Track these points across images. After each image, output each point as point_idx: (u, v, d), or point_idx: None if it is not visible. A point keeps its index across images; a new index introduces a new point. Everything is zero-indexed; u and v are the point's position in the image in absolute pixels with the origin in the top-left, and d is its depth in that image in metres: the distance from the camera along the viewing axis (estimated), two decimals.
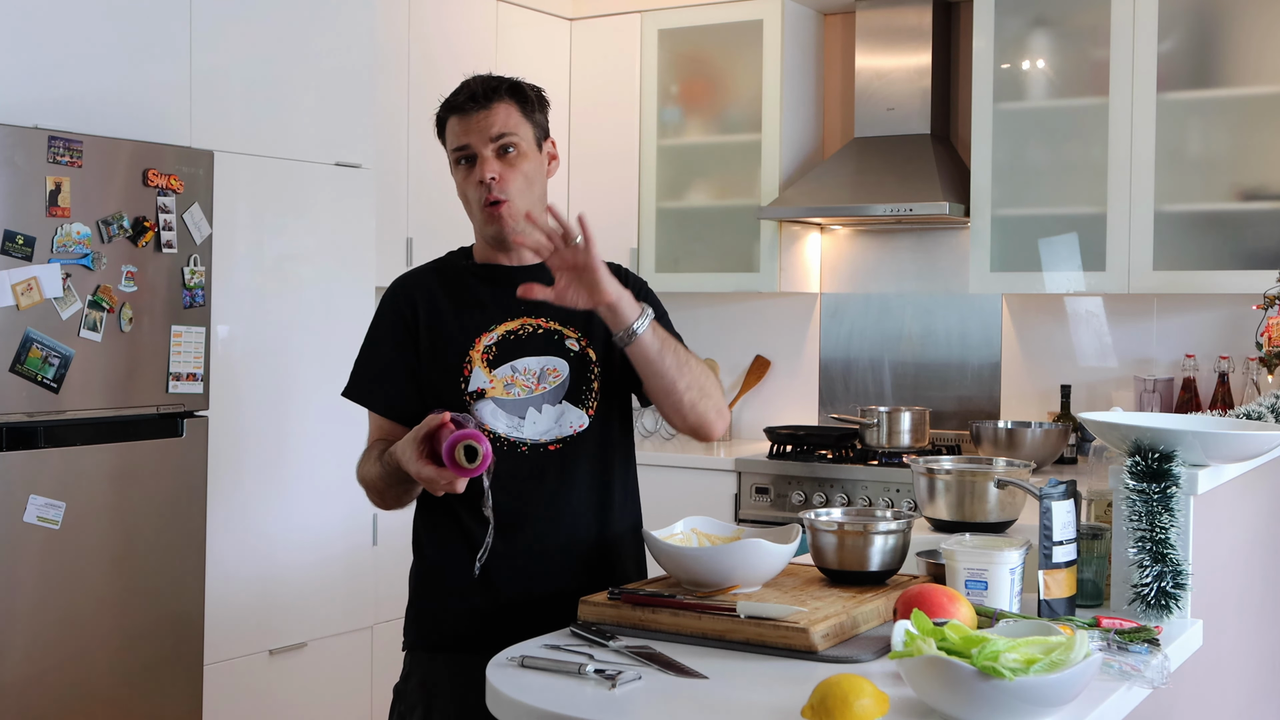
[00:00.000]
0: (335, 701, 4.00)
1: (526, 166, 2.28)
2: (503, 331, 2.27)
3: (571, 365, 2.28)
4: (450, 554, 2.28)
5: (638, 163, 5.05)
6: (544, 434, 2.26)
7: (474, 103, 2.26)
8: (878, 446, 4.50)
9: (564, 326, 2.30)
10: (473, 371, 2.25)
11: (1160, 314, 4.50)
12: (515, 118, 2.27)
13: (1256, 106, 4.14)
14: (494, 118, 2.25)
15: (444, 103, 2.32)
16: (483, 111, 2.26)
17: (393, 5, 4.38)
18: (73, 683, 3.22)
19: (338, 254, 3.98)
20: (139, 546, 3.37)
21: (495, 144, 2.25)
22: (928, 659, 1.58)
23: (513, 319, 2.28)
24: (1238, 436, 2.21)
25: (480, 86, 2.28)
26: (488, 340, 2.27)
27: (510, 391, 2.25)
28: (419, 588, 2.35)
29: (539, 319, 2.29)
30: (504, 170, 2.25)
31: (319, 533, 3.92)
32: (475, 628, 2.23)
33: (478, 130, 2.25)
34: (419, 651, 2.32)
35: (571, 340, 2.29)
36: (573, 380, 2.28)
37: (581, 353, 2.29)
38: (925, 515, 2.50)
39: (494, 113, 2.25)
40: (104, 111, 3.35)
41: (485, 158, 2.25)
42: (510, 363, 2.26)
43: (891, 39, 4.69)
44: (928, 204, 4.36)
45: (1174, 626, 2.09)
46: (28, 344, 3.11)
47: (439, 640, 2.29)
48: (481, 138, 2.25)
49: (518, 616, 2.20)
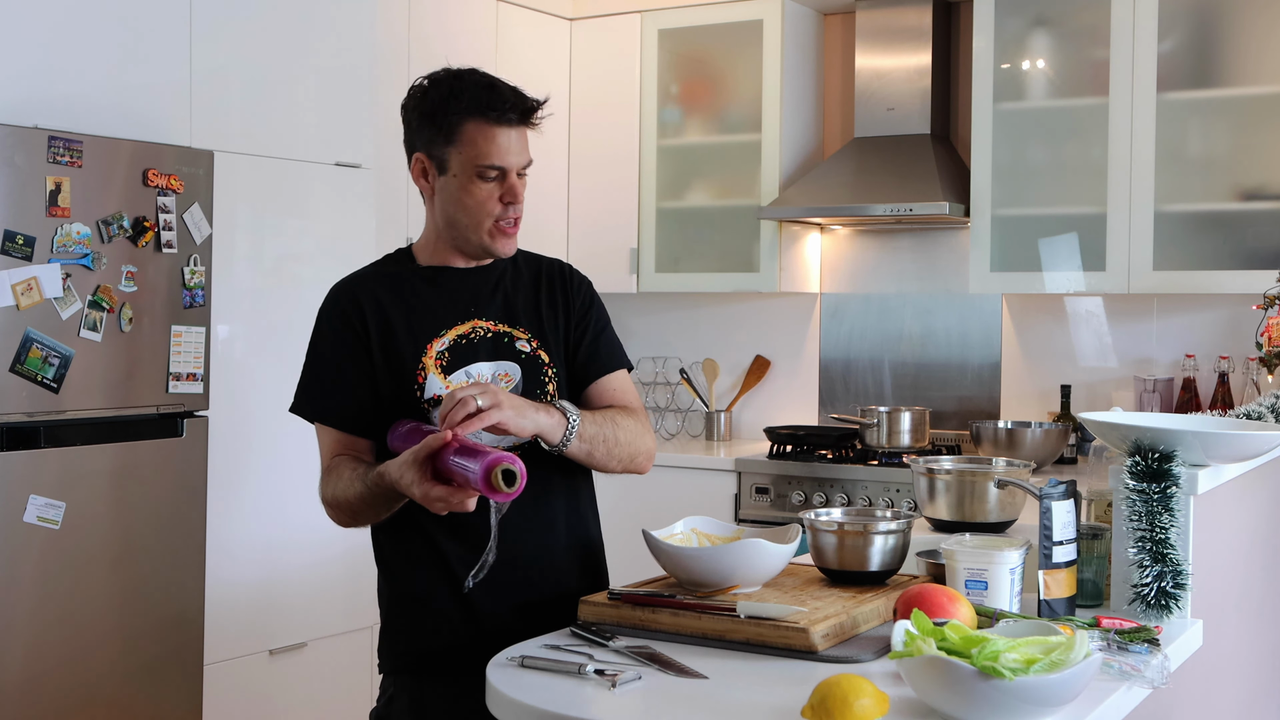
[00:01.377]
0: (335, 701, 4.00)
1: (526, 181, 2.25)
2: (454, 336, 2.22)
3: (524, 368, 2.22)
4: (426, 575, 2.21)
5: (638, 163, 5.05)
6: (500, 440, 2.15)
7: (522, 119, 2.19)
8: (878, 446, 4.50)
9: (513, 328, 2.25)
10: (427, 378, 2.19)
11: (1160, 314, 4.50)
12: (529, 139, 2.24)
13: (1256, 106, 4.14)
14: (526, 138, 2.21)
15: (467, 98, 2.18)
16: (524, 129, 2.20)
17: (393, 5, 4.38)
18: (73, 683, 3.22)
19: (338, 254, 3.98)
20: (139, 546, 3.37)
21: (524, 165, 2.21)
22: (928, 659, 1.58)
23: (463, 322, 2.23)
24: (1238, 436, 2.21)
25: (521, 99, 2.19)
26: (439, 346, 2.21)
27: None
28: (395, 609, 2.27)
29: (489, 321, 2.24)
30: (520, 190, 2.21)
31: (319, 533, 3.91)
32: (459, 647, 2.17)
33: (515, 152, 2.18)
34: (404, 676, 2.24)
35: (522, 341, 2.25)
36: (525, 383, 2.22)
37: (533, 354, 2.24)
38: (925, 515, 2.50)
39: (525, 133, 2.21)
40: (104, 111, 3.35)
41: (515, 184, 2.19)
42: (464, 368, 2.20)
43: (891, 39, 4.70)
44: (928, 204, 4.36)
45: (1174, 626, 2.09)
46: (28, 344, 3.11)
47: (422, 664, 2.21)
48: (518, 161, 2.19)
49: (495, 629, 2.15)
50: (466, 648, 2.16)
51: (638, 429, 2.25)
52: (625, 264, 5.02)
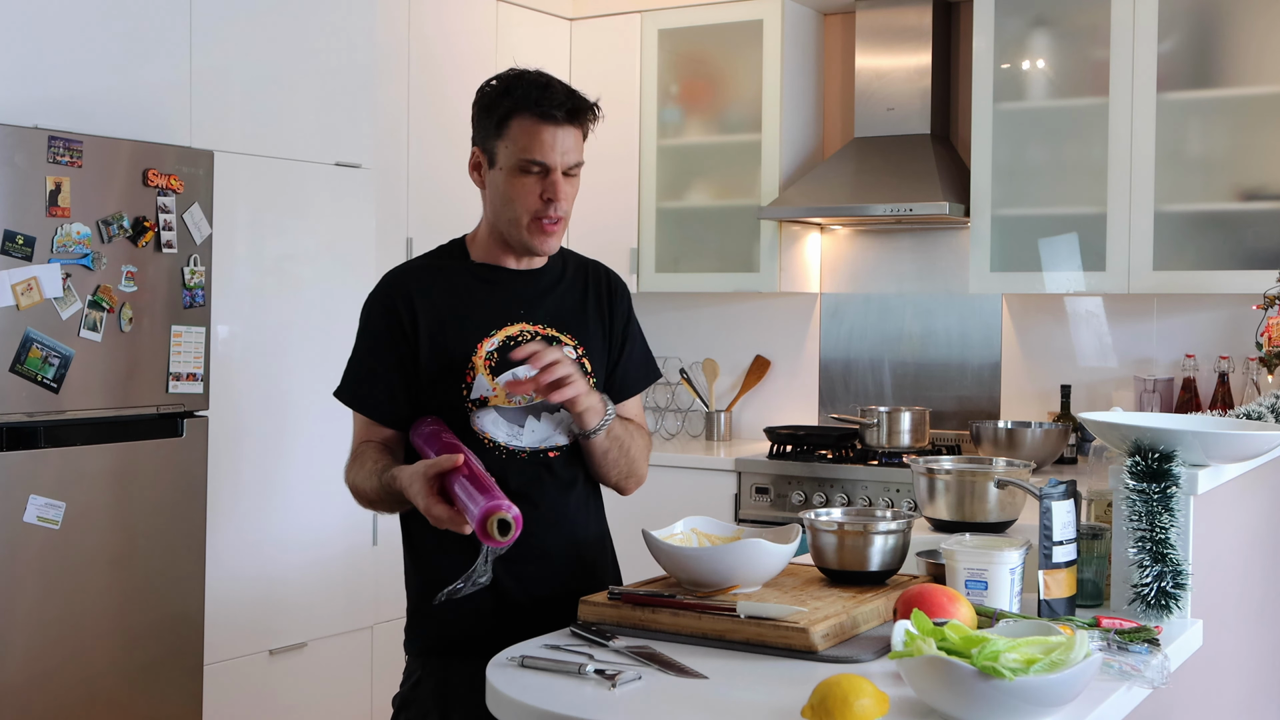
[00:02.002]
0: (335, 701, 4.00)
1: (575, 187, 2.30)
2: (503, 337, 2.25)
3: None
4: (454, 560, 2.22)
5: (638, 163, 5.05)
6: (543, 441, 2.26)
7: (569, 117, 2.23)
8: (878, 446, 4.50)
9: (561, 333, 2.30)
10: (475, 378, 2.23)
11: (1160, 314, 4.50)
12: (582, 141, 2.28)
13: (1256, 106, 4.14)
14: (575, 139, 2.25)
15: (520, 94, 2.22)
16: (570, 129, 2.23)
17: (393, 5, 4.38)
18: (73, 683, 3.22)
19: (338, 254, 3.98)
20: (139, 546, 3.37)
21: (569, 167, 2.25)
22: (928, 659, 1.58)
23: (512, 324, 2.27)
24: (1238, 436, 2.21)
25: (572, 99, 2.24)
26: (489, 346, 2.24)
27: (512, 400, 2.24)
28: (423, 592, 2.29)
29: (538, 325, 2.29)
30: (566, 189, 2.25)
31: (319, 533, 3.92)
32: (486, 630, 2.21)
33: (560, 149, 2.22)
34: (430, 657, 2.28)
35: (569, 348, 2.29)
36: None
37: (577, 361, 2.29)
38: (925, 515, 2.50)
39: (577, 133, 2.25)
40: (104, 111, 3.35)
41: (560, 180, 2.23)
42: (512, 370, 2.23)
43: (891, 39, 4.70)
44: (928, 204, 4.36)
45: (1174, 626, 2.09)
46: (28, 344, 3.11)
47: (449, 645, 2.25)
48: (563, 159, 2.23)
49: (526, 617, 2.20)
50: (495, 631, 2.19)
51: (644, 452, 2.35)
52: (625, 264, 5.02)
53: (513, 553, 2.17)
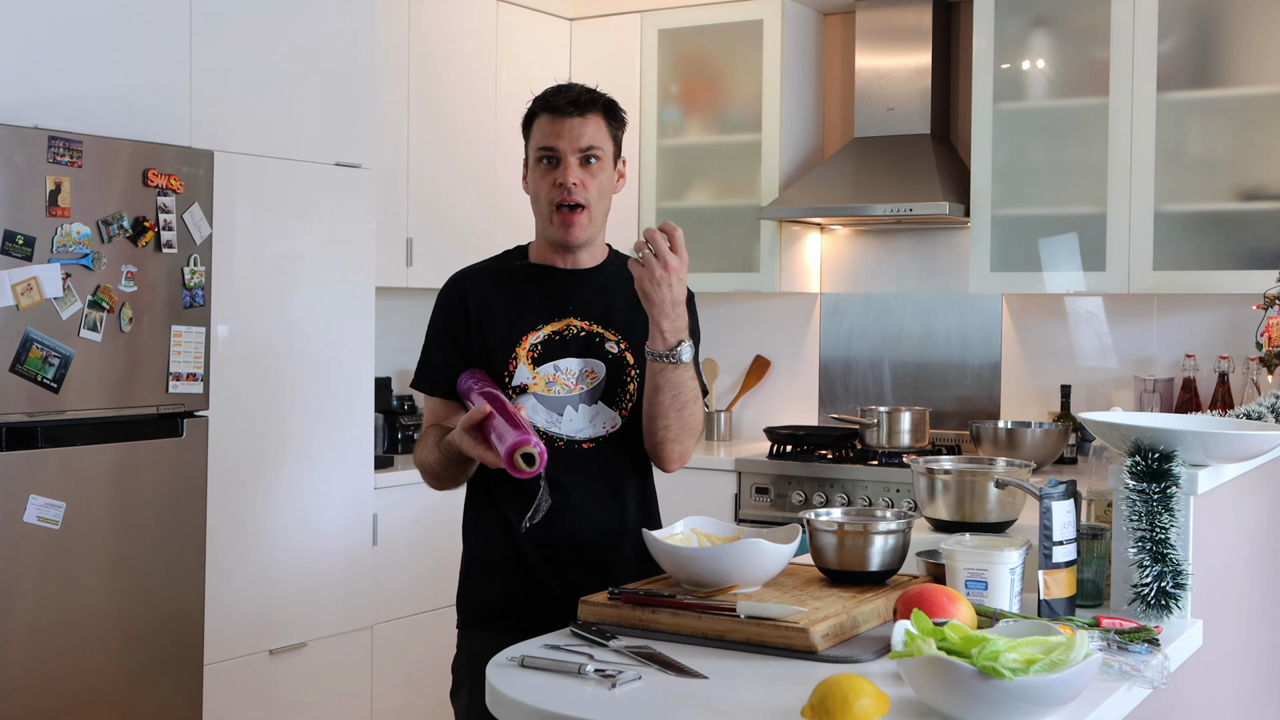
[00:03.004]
0: (335, 701, 4.00)
1: (603, 179, 2.41)
2: (549, 331, 2.40)
3: (609, 367, 2.40)
4: (491, 538, 2.42)
5: (638, 163, 5.05)
6: (579, 431, 2.38)
7: (574, 108, 2.37)
8: (878, 446, 4.50)
9: (605, 329, 2.43)
10: (517, 367, 2.38)
11: (1160, 314, 4.50)
12: (603, 132, 2.40)
13: (1256, 106, 4.14)
14: (586, 127, 2.37)
15: (539, 100, 2.42)
16: (578, 119, 2.37)
17: (393, 5, 4.38)
18: (73, 683, 3.22)
19: (338, 254, 3.98)
20: (139, 546, 3.36)
21: (582, 153, 2.37)
22: (928, 659, 1.58)
23: (559, 320, 2.41)
24: (1238, 436, 2.21)
25: (580, 95, 2.39)
26: (534, 339, 2.39)
27: (551, 389, 2.38)
28: (465, 569, 2.48)
29: (584, 321, 2.42)
30: (584, 178, 2.37)
31: (319, 533, 3.92)
32: (516, 606, 2.37)
33: (569, 136, 2.36)
34: (468, 630, 2.45)
35: (611, 343, 2.42)
36: (609, 382, 2.41)
37: (619, 356, 2.42)
38: (925, 515, 2.50)
39: (587, 123, 2.38)
40: (104, 111, 3.35)
41: (570, 164, 2.36)
42: (554, 361, 2.38)
43: (891, 39, 4.70)
44: (928, 204, 4.36)
45: (1174, 626, 2.09)
46: (28, 344, 3.11)
47: (482, 619, 2.42)
48: (571, 144, 2.36)
49: (556, 599, 2.32)
50: (526, 610, 2.35)
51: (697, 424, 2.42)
52: None
53: (546, 538, 2.35)
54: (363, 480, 4.06)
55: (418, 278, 4.47)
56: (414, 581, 4.22)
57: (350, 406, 4.01)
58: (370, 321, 4.07)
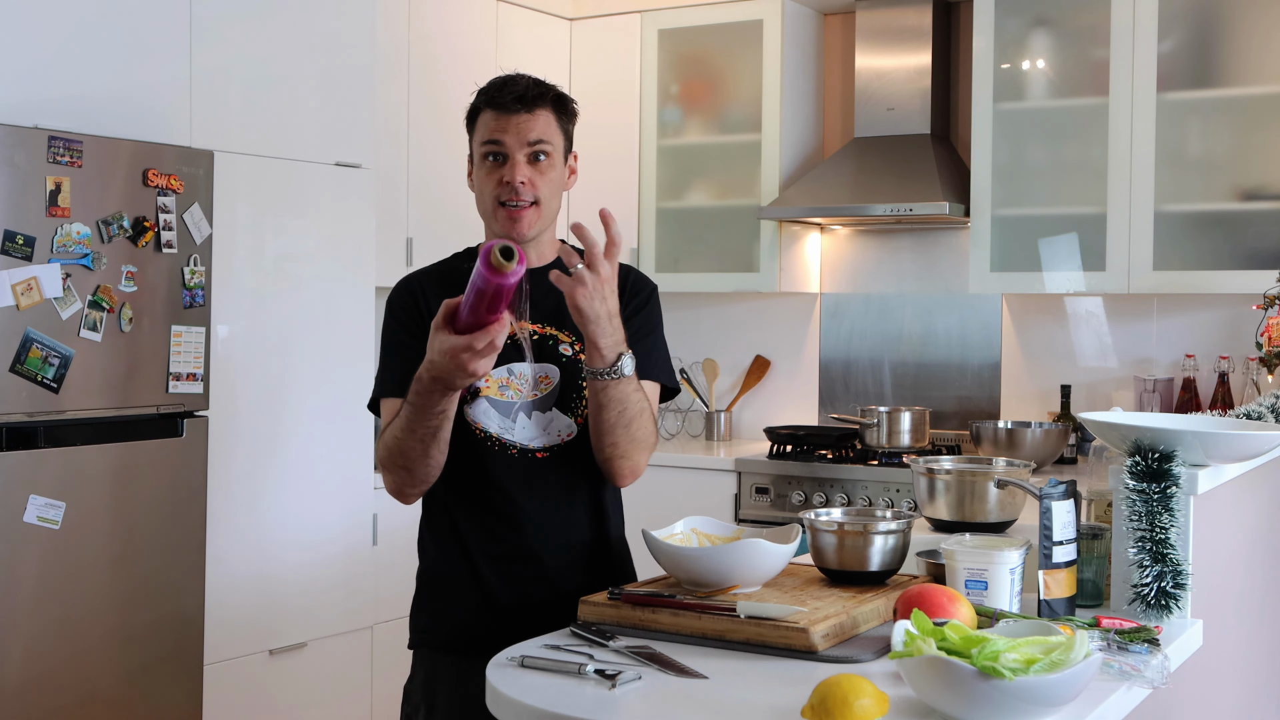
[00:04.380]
0: (335, 701, 4.00)
1: (553, 175, 2.29)
2: None
3: (563, 372, 2.27)
4: (447, 555, 2.31)
5: (638, 163, 5.05)
6: (532, 440, 2.26)
7: (520, 104, 2.25)
8: (878, 446, 4.50)
9: (559, 331, 2.30)
10: None
11: (1160, 314, 4.50)
12: (553, 127, 2.29)
13: (1256, 106, 4.14)
14: (534, 123, 2.26)
15: (483, 93, 2.30)
16: (525, 115, 2.25)
17: (393, 5, 4.38)
18: (73, 683, 3.22)
19: (338, 254, 3.98)
20: (139, 546, 3.37)
21: (530, 148, 2.26)
22: (928, 659, 1.58)
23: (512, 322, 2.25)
24: (1238, 436, 2.21)
25: (528, 89, 2.26)
26: None
27: (504, 393, 2.26)
28: (421, 587, 2.38)
29: (536, 324, 2.29)
30: (533, 175, 2.26)
31: (319, 533, 3.92)
32: (473, 628, 2.26)
33: (515, 132, 2.25)
34: (423, 650, 2.35)
35: (565, 345, 2.29)
36: (563, 387, 2.27)
37: (574, 359, 2.28)
38: (925, 515, 2.50)
39: (535, 118, 2.26)
40: (104, 111, 3.35)
41: (517, 161, 2.25)
42: (507, 365, 2.25)
43: (891, 39, 4.69)
44: (928, 204, 4.36)
45: (1174, 626, 2.09)
46: (28, 344, 3.11)
47: (439, 640, 2.32)
48: (518, 140, 2.25)
49: (514, 618, 2.22)
50: (481, 632, 2.23)
51: (646, 438, 2.23)
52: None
53: (499, 551, 2.24)
54: (362, 480, 4.06)
55: None
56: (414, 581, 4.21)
57: (350, 406, 4.01)
58: (370, 321, 4.07)
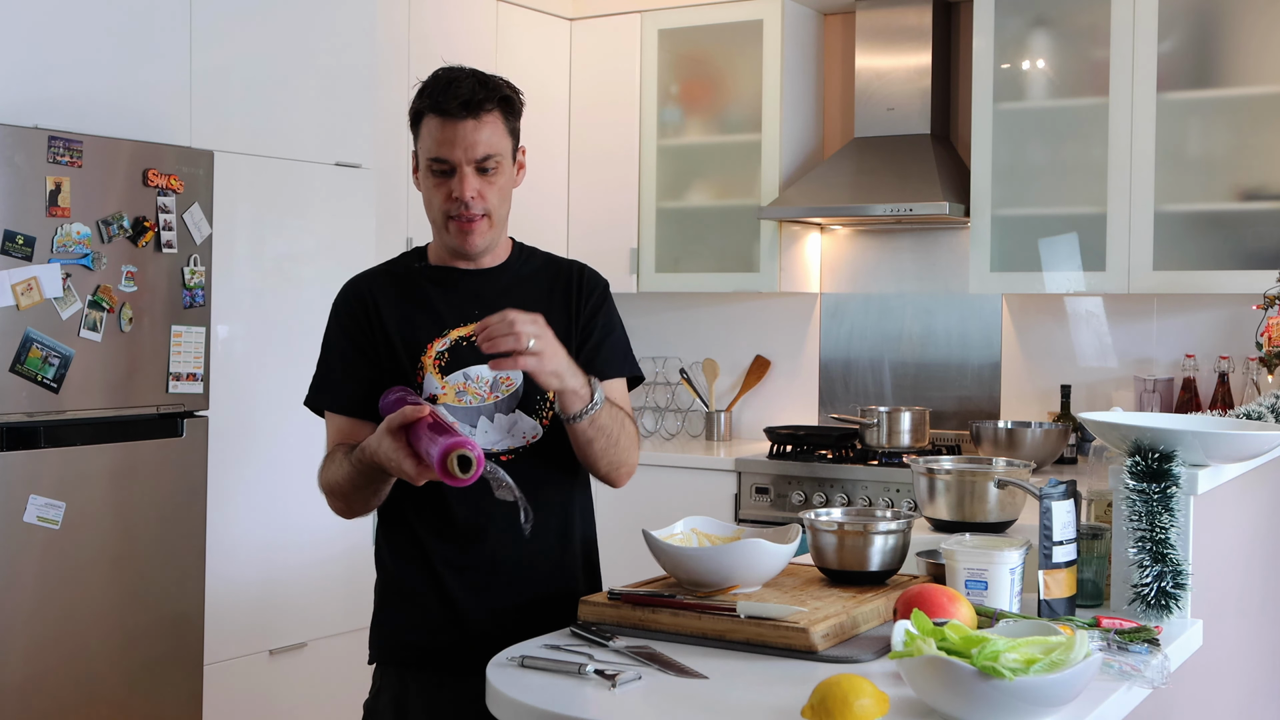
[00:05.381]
0: (335, 701, 3.99)
1: (501, 183, 2.20)
2: (455, 337, 2.21)
3: (526, 373, 2.15)
4: (407, 567, 2.25)
5: (638, 163, 5.05)
6: (495, 443, 2.19)
7: (465, 111, 2.14)
8: (878, 446, 4.50)
9: None
10: (425, 378, 2.19)
11: (1160, 314, 4.50)
12: (500, 133, 2.18)
13: (1256, 106, 4.14)
14: (480, 134, 2.15)
15: (425, 94, 2.17)
16: (471, 122, 2.14)
17: (393, 5, 4.38)
18: (73, 683, 3.22)
19: (338, 254, 3.98)
20: (139, 546, 3.37)
21: (478, 163, 2.16)
22: (928, 659, 1.58)
23: (465, 324, 2.21)
24: (1238, 436, 2.21)
25: (474, 93, 2.14)
26: (440, 346, 2.21)
27: (462, 399, 2.19)
28: (380, 600, 2.31)
29: None
30: (481, 187, 2.17)
31: (319, 533, 3.92)
32: (441, 643, 2.21)
33: (462, 144, 2.14)
34: (387, 667, 2.27)
35: None
36: (526, 389, 2.21)
37: None
38: (925, 515, 2.50)
39: (482, 126, 2.15)
40: (104, 111, 3.35)
41: (466, 175, 2.15)
42: (463, 369, 2.20)
43: (891, 39, 4.69)
44: (928, 204, 4.36)
45: (1174, 626, 2.09)
46: (28, 344, 3.11)
47: (403, 655, 2.25)
48: (466, 155, 2.15)
49: (482, 629, 2.17)
50: (448, 645, 2.19)
51: (633, 441, 2.25)
52: (625, 264, 5.02)
53: (462, 561, 2.19)
54: None
55: None
56: None
57: None
58: None
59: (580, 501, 2.34)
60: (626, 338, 2.35)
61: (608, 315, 2.32)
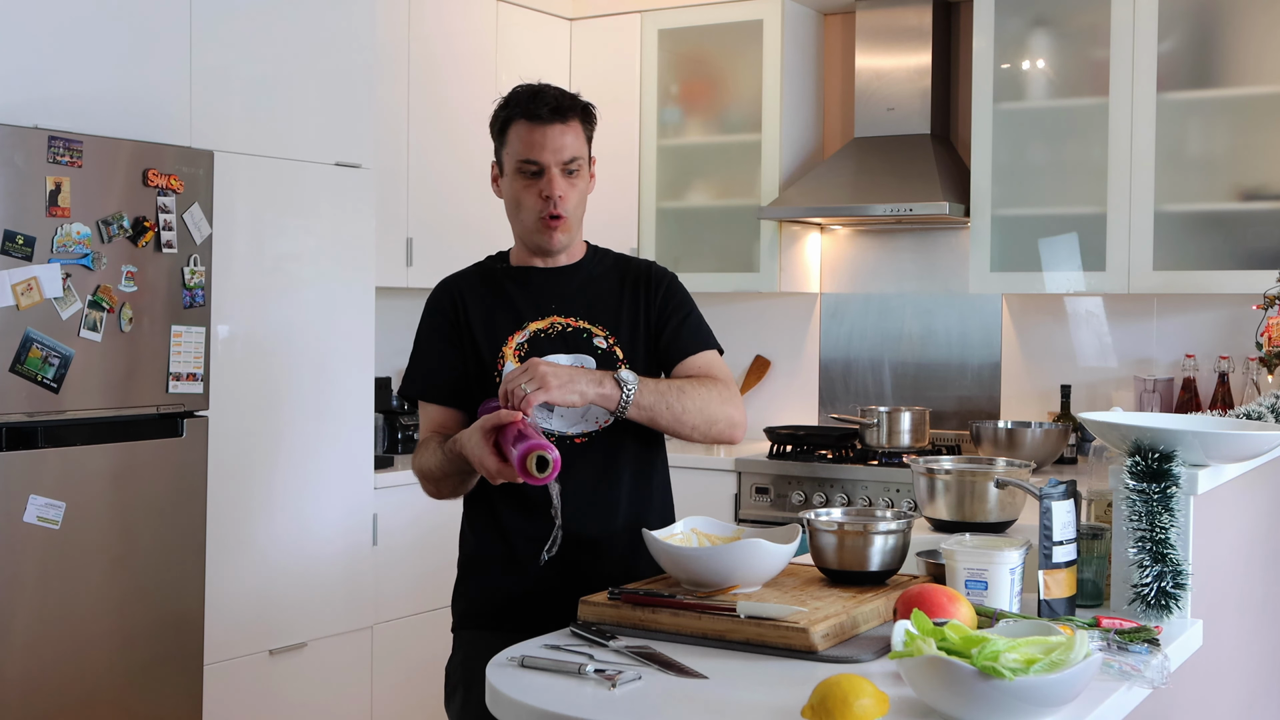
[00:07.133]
0: (335, 701, 4.00)
1: (582, 185, 2.42)
2: (533, 330, 2.40)
3: (598, 362, 2.38)
4: (486, 542, 2.43)
5: (638, 163, 5.05)
6: (570, 427, 2.37)
7: (555, 115, 2.35)
8: (878, 446, 4.50)
9: (592, 325, 2.42)
10: (505, 366, 2.37)
11: (1160, 314, 4.50)
12: (581, 139, 2.40)
13: (1256, 106, 4.14)
14: (567, 137, 2.36)
15: (514, 103, 2.39)
16: (559, 126, 2.36)
17: (393, 5, 4.38)
18: (73, 683, 3.22)
19: (338, 254, 3.98)
20: (139, 546, 3.37)
21: (565, 165, 2.36)
22: (928, 659, 1.58)
23: (543, 318, 2.42)
24: (1238, 436, 2.21)
25: (560, 100, 2.37)
26: (519, 338, 2.40)
27: None
28: (461, 572, 2.50)
29: (568, 318, 2.42)
30: (566, 189, 2.38)
31: (319, 533, 3.92)
32: (511, 609, 2.37)
33: (552, 147, 2.35)
34: (463, 631, 2.45)
35: (599, 338, 2.41)
36: None
37: (608, 350, 2.41)
38: (925, 515, 2.50)
39: (568, 131, 2.37)
40: (104, 111, 3.35)
41: (554, 176, 2.36)
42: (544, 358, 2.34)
43: (891, 39, 4.70)
44: (928, 204, 4.36)
45: (1174, 626, 2.09)
46: (28, 344, 3.11)
47: (478, 618, 2.42)
48: (555, 157, 2.35)
49: (552, 601, 2.30)
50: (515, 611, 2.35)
51: (712, 397, 2.37)
52: None
53: (537, 533, 2.30)
54: (363, 480, 4.06)
55: (418, 278, 4.47)
56: (414, 582, 4.22)
57: (350, 406, 4.01)
58: (370, 321, 4.07)
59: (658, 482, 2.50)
60: (700, 316, 2.53)
61: (679, 301, 2.51)
